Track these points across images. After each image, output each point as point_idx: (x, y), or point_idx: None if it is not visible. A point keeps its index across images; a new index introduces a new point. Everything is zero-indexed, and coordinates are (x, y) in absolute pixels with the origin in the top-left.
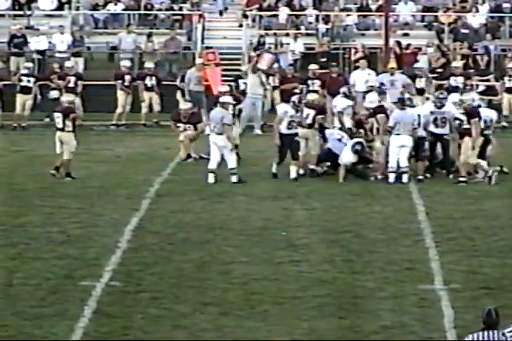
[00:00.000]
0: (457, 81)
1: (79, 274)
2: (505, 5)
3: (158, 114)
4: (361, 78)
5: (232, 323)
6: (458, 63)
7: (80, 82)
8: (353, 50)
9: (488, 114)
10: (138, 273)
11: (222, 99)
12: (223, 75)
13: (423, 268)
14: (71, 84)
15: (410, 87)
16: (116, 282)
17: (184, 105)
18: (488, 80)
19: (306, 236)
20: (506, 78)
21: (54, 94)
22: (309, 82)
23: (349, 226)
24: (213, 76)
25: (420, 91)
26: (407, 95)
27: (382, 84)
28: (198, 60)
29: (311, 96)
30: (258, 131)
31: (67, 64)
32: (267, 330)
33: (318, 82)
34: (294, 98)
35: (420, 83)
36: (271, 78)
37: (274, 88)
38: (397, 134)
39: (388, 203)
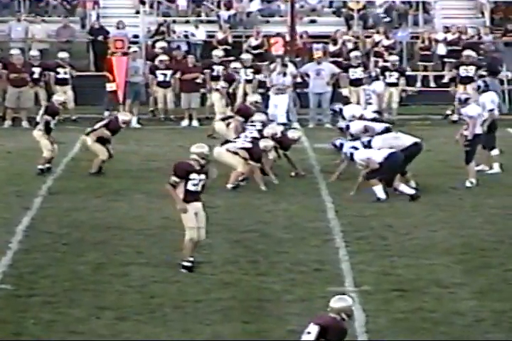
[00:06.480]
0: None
1: None
2: None
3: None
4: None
5: (130, 328)
6: (356, 53)
7: None
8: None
9: (488, 98)
10: (30, 276)
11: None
12: None
13: (332, 269)
14: None
15: (341, 77)
16: (7, 285)
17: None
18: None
19: (209, 235)
20: (387, 73)
21: None
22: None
23: (254, 225)
24: (119, 66)
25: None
26: None
27: (307, 75)
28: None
29: None
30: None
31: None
32: (168, 336)
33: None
34: None
35: (355, 74)
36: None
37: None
38: None
39: (295, 201)
